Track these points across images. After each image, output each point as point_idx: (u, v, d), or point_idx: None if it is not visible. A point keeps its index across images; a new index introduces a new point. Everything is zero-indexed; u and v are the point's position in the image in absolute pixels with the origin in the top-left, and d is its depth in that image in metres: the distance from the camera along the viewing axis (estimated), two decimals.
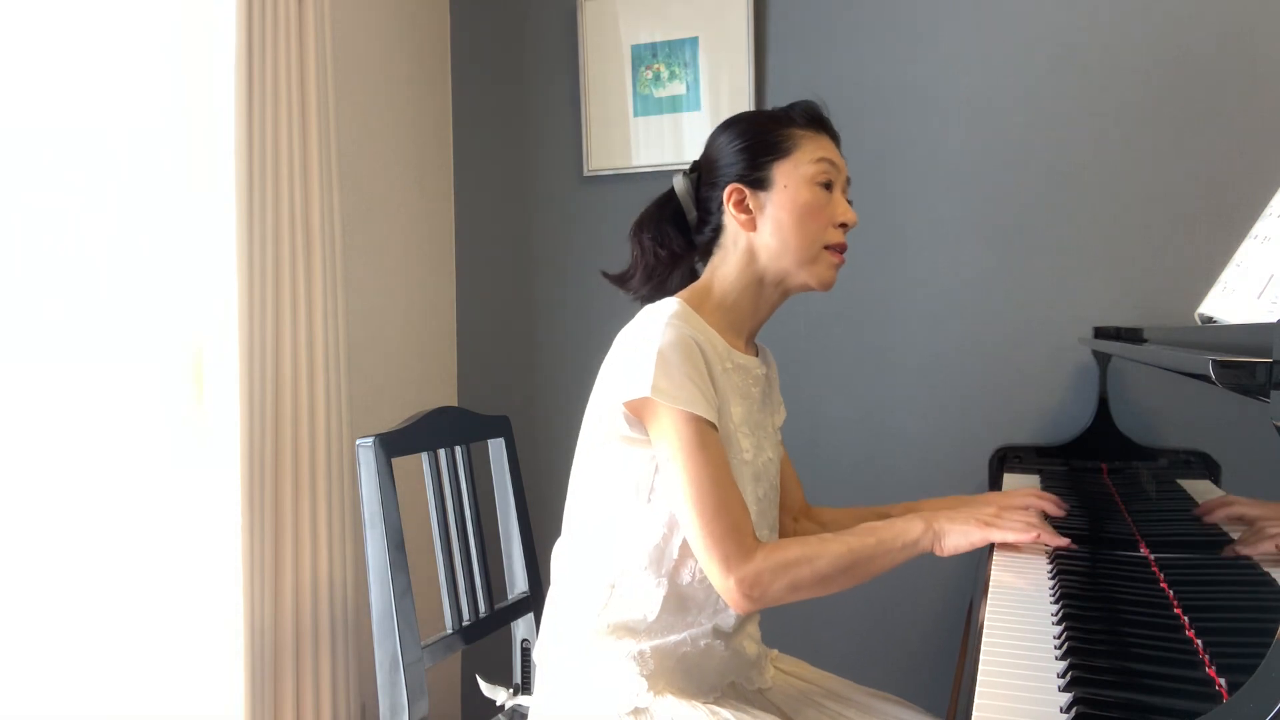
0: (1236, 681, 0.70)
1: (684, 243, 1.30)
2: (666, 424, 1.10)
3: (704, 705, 1.16)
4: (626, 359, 1.14)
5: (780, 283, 1.24)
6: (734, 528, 1.09)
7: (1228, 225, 1.79)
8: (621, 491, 1.17)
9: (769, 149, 1.22)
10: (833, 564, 1.11)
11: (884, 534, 1.14)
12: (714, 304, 1.24)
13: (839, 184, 1.24)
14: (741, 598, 1.08)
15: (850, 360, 2.15)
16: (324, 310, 1.92)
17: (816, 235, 1.21)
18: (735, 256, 1.24)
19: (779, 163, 1.22)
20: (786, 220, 1.20)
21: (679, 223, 1.30)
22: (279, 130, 1.83)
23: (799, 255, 1.21)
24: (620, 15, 2.29)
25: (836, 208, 1.23)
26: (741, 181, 1.22)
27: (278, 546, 1.83)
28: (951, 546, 1.14)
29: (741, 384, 1.23)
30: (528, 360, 2.47)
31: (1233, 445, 1.03)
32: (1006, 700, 0.79)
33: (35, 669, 1.55)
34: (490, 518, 1.73)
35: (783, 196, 1.21)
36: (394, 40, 2.34)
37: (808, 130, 1.24)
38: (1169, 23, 1.87)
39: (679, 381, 1.09)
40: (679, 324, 1.13)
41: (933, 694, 2.03)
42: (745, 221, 1.22)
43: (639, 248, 1.30)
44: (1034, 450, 1.90)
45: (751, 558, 1.09)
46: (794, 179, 1.21)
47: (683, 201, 1.29)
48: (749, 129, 1.25)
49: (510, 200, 2.48)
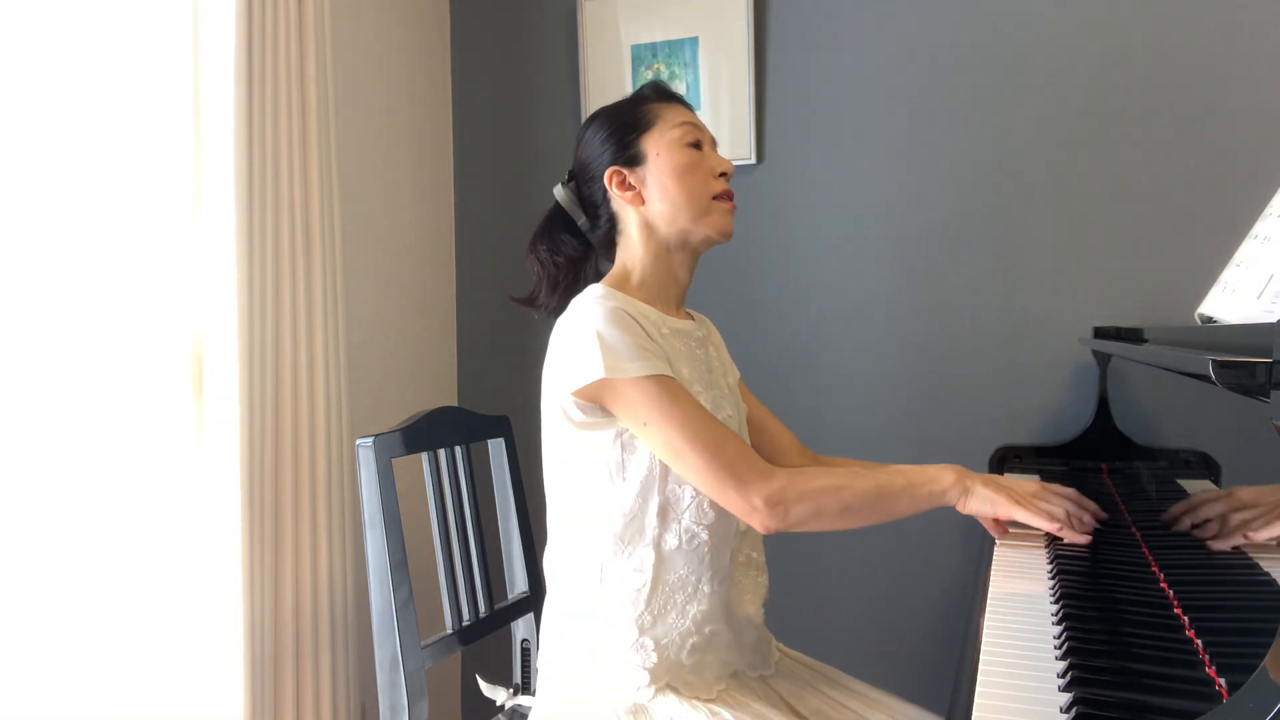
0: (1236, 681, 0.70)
1: (579, 246, 1.35)
2: (631, 395, 1.12)
3: (704, 705, 1.15)
4: (567, 349, 1.16)
5: (684, 243, 1.28)
6: (740, 454, 1.12)
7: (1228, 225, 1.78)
8: (593, 476, 1.18)
9: (632, 126, 1.28)
10: (859, 496, 1.13)
11: (914, 477, 1.17)
12: (635, 284, 1.27)
13: (706, 141, 1.29)
14: (768, 514, 1.10)
15: (850, 360, 2.15)
16: (324, 310, 1.92)
17: (700, 188, 1.25)
18: (636, 235, 1.28)
19: (646, 135, 1.27)
20: (669, 183, 1.25)
21: (571, 230, 1.35)
22: (279, 130, 1.83)
23: (691, 210, 1.25)
24: (620, 15, 2.29)
25: (711, 160, 1.28)
26: (617, 163, 1.27)
27: (278, 547, 1.83)
28: (974, 508, 1.17)
29: (684, 347, 1.25)
30: (528, 360, 2.46)
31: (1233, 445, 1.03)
32: (1006, 700, 0.79)
33: (35, 669, 1.55)
34: (490, 518, 1.73)
35: (658, 163, 1.25)
36: (394, 40, 2.34)
37: (661, 101, 1.30)
38: (1169, 23, 1.87)
39: (625, 353, 1.12)
40: (606, 301, 1.16)
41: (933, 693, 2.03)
42: (632, 198, 1.26)
43: (537, 263, 1.35)
44: (1034, 450, 1.90)
45: (773, 476, 1.11)
46: (663, 145, 1.26)
47: (568, 210, 1.34)
48: (608, 118, 1.30)
49: (510, 200, 2.47)
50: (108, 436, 1.66)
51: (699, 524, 1.18)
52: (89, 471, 1.63)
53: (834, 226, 2.15)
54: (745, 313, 2.21)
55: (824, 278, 2.16)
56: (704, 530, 1.18)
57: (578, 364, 1.13)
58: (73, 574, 1.61)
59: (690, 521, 1.17)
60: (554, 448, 1.22)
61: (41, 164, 1.57)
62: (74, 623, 1.61)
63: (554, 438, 1.22)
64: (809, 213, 2.16)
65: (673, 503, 1.17)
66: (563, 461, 1.22)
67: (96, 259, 1.65)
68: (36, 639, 1.56)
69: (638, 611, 1.17)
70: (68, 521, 1.60)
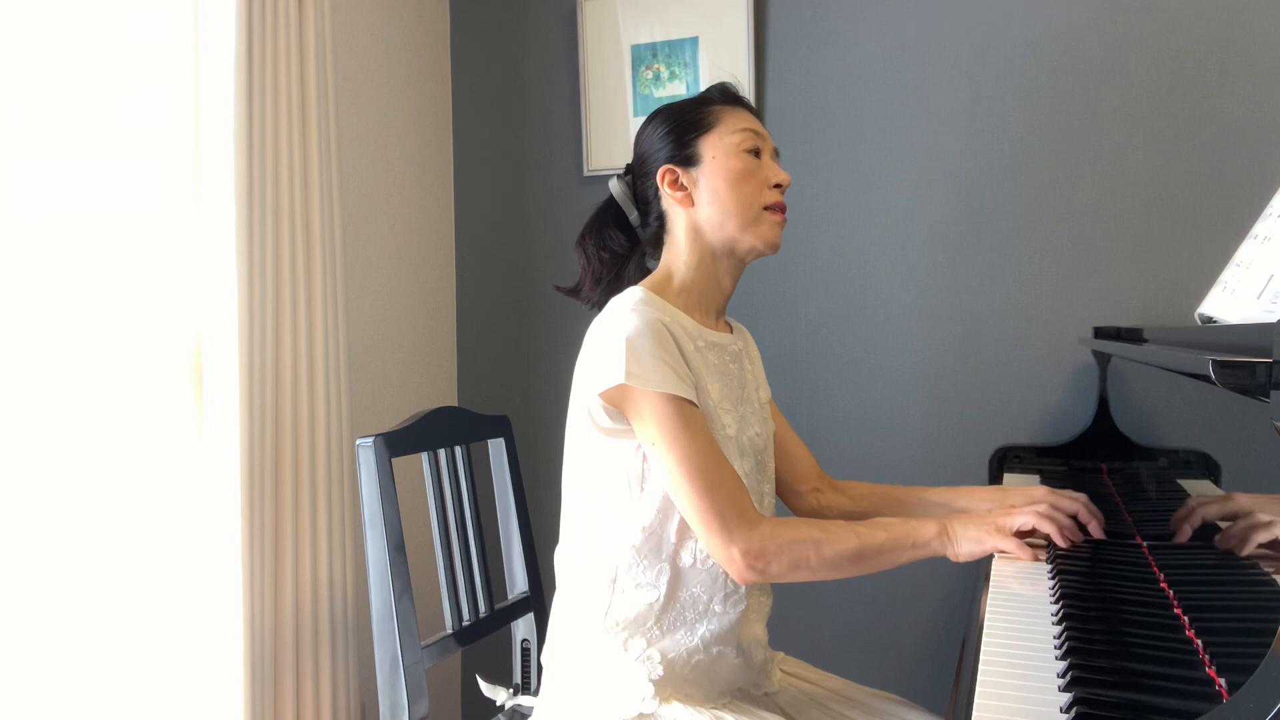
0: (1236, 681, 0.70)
1: (627, 241, 1.33)
2: (646, 408, 1.11)
3: (709, 711, 1.15)
4: (597, 351, 1.15)
5: (730, 251, 1.26)
6: (731, 499, 1.10)
7: (1228, 225, 1.79)
8: (613, 484, 1.17)
9: (692, 127, 1.26)
10: (839, 551, 1.11)
11: (896, 531, 1.14)
12: (676, 288, 1.26)
13: (766, 150, 1.27)
14: (745, 568, 1.09)
15: (850, 360, 2.15)
16: (324, 310, 1.92)
17: (753, 198, 1.23)
18: (682, 237, 1.26)
19: (704, 137, 1.25)
20: (721, 188, 1.23)
21: (621, 224, 1.34)
22: (279, 130, 1.83)
23: (740, 219, 1.23)
24: (620, 15, 2.29)
25: (767, 170, 1.25)
26: (672, 162, 1.25)
27: (278, 547, 1.83)
28: (965, 550, 1.14)
29: (718, 361, 1.24)
30: (528, 360, 2.47)
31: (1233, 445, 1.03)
32: (1006, 700, 0.79)
33: (35, 669, 1.55)
34: (490, 518, 1.73)
35: (713, 167, 1.23)
36: (394, 40, 2.34)
37: (725, 105, 1.28)
38: (1169, 23, 1.87)
39: (651, 364, 1.10)
40: (644, 309, 1.15)
41: (933, 694, 2.03)
42: (682, 198, 1.25)
43: (584, 256, 1.34)
44: (1034, 450, 1.90)
45: (755, 527, 1.09)
46: (720, 149, 1.24)
47: (621, 203, 1.33)
48: (670, 115, 1.29)
49: (510, 200, 2.48)
50: (108, 436, 1.66)
51: None
52: (89, 471, 1.63)
53: (834, 226, 2.15)
54: (745, 313, 2.21)
55: (823, 278, 2.16)
56: None
57: (604, 367, 1.13)
58: (73, 574, 1.61)
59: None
60: (577, 450, 1.21)
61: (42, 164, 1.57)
62: (75, 623, 1.61)
63: (577, 439, 1.21)
64: (809, 213, 2.16)
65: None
66: (584, 465, 1.21)
67: (97, 258, 1.65)
68: (38, 639, 1.56)
69: (648, 625, 1.17)
70: (68, 521, 1.60)
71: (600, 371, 1.13)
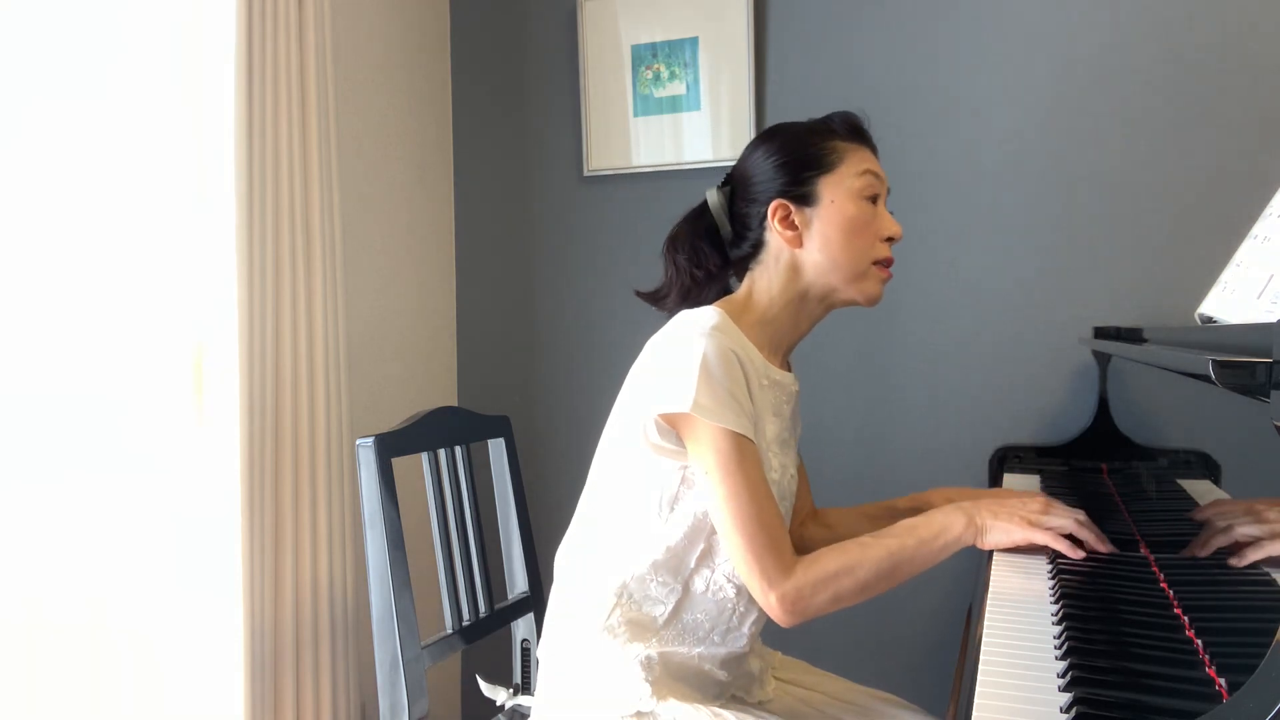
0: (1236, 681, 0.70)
1: (719, 260, 1.27)
2: (705, 440, 1.08)
3: (707, 708, 1.15)
4: (665, 367, 1.12)
5: (825, 298, 1.22)
6: (773, 544, 1.08)
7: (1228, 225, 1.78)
8: (645, 499, 1.16)
9: (813, 163, 1.19)
10: (874, 571, 1.09)
11: (923, 532, 1.12)
12: (754, 318, 1.22)
13: (883, 197, 1.22)
14: (785, 614, 1.08)
15: (850, 360, 2.15)
16: (324, 310, 1.92)
17: (865, 251, 1.19)
18: (778, 272, 1.21)
19: (824, 177, 1.19)
20: (835, 236, 1.18)
21: (713, 239, 1.27)
22: (279, 130, 1.83)
23: (848, 272, 1.19)
24: (620, 15, 2.29)
25: (883, 222, 1.20)
26: (785, 197, 1.19)
27: (278, 546, 1.83)
28: (993, 541, 1.12)
29: (775, 401, 1.21)
30: (528, 360, 2.47)
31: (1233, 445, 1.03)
32: (1006, 700, 0.79)
33: (36, 669, 1.55)
34: (490, 518, 1.73)
35: (829, 211, 1.18)
36: (394, 40, 2.34)
37: (850, 142, 1.22)
38: (1169, 23, 1.87)
39: (721, 398, 1.08)
40: (720, 336, 1.11)
41: (933, 694, 2.03)
42: (792, 238, 1.19)
43: (674, 267, 1.27)
44: (1034, 450, 1.90)
45: (791, 573, 1.08)
46: (840, 193, 1.18)
47: (716, 217, 1.26)
48: (790, 142, 1.21)
49: (510, 200, 2.48)
50: (108, 435, 1.66)
51: (731, 580, 1.16)
52: (89, 471, 1.63)
53: None
54: None
55: None
56: (733, 587, 1.17)
57: (671, 389, 1.09)
58: (73, 573, 1.61)
59: (723, 576, 1.16)
60: (615, 457, 1.19)
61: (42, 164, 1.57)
62: (75, 623, 1.61)
63: (619, 447, 1.18)
64: None
65: (715, 552, 1.15)
66: (618, 474, 1.19)
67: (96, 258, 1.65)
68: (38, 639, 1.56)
69: (647, 635, 1.16)
70: (68, 521, 1.60)
71: (666, 392, 1.10)
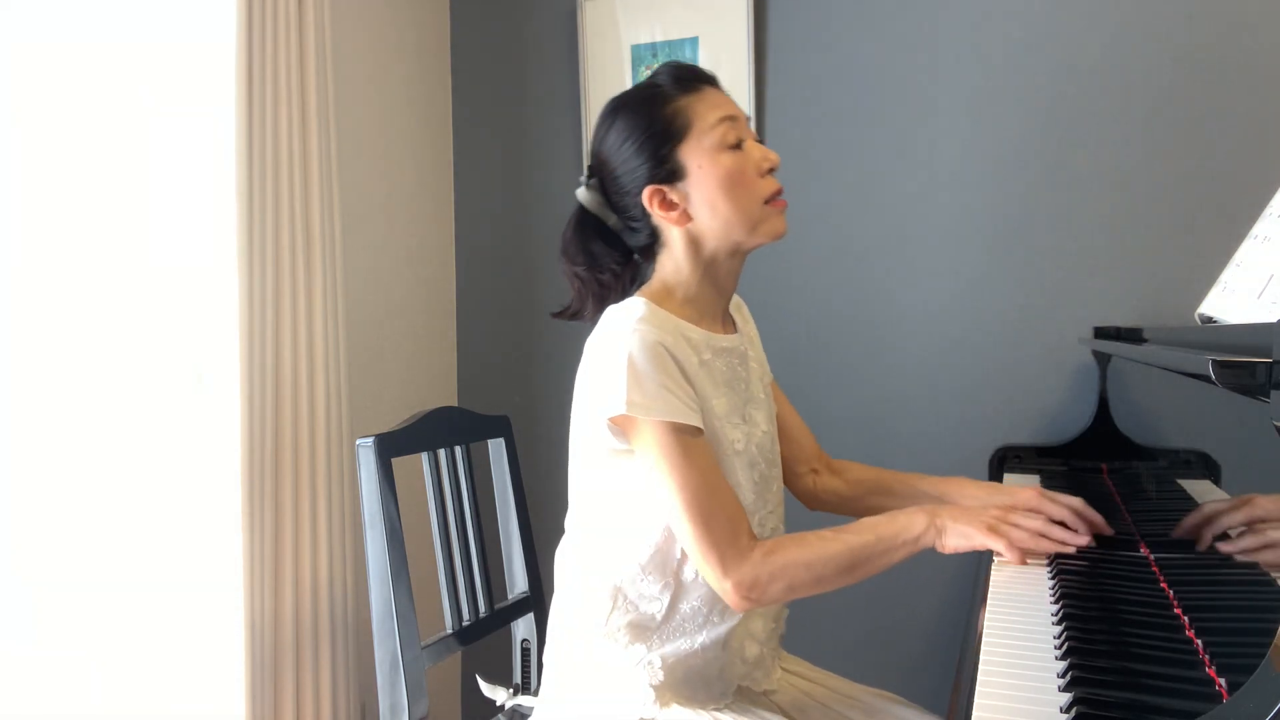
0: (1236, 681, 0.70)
1: (620, 255, 1.23)
2: (648, 436, 1.08)
3: (709, 713, 1.15)
4: (598, 372, 1.12)
5: (735, 253, 1.19)
6: (727, 532, 1.08)
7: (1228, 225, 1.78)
8: (620, 499, 1.16)
9: (664, 136, 1.15)
10: (831, 565, 1.09)
11: (884, 531, 1.12)
12: (679, 299, 1.19)
13: (744, 132, 1.17)
14: (740, 599, 1.08)
15: (850, 360, 2.15)
16: (324, 310, 1.92)
17: (751, 197, 1.15)
18: (681, 250, 1.18)
19: (681, 145, 1.14)
20: (717, 198, 1.14)
21: (605, 235, 1.23)
22: (279, 130, 1.83)
23: (744, 224, 1.15)
24: (620, 15, 2.29)
25: (754, 158, 1.16)
26: (654, 181, 1.15)
27: (278, 546, 1.83)
28: (953, 545, 1.12)
29: (725, 369, 1.19)
30: (528, 360, 2.47)
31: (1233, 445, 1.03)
32: (1006, 700, 0.79)
33: (36, 668, 1.55)
34: (490, 518, 1.72)
35: (700, 177, 1.14)
36: (394, 40, 2.34)
37: (687, 95, 1.16)
38: (1170, 23, 1.87)
39: (652, 391, 1.07)
40: (644, 328, 1.09)
41: (933, 694, 2.03)
42: (678, 217, 1.15)
43: (578, 280, 1.23)
44: (1034, 450, 1.90)
45: (747, 559, 1.07)
46: (703, 156, 1.14)
47: (597, 213, 1.22)
48: (634, 123, 1.16)
49: (510, 200, 2.47)
50: (108, 435, 1.66)
51: None
52: (89, 470, 1.63)
53: (833, 226, 2.15)
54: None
55: (823, 278, 2.16)
56: None
57: (606, 392, 1.09)
58: (75, 573, 1.61)
59: None
60: (585, 463, 1.19)
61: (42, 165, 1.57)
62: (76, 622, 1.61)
63: (586, 454, 1.18)
64: (809, 213, 2.16)
65: None
66: (592, 479, 1.19)
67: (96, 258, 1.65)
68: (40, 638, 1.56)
69: (649, 634, 1.16)
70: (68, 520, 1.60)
71: (603, 396, 1.10)
